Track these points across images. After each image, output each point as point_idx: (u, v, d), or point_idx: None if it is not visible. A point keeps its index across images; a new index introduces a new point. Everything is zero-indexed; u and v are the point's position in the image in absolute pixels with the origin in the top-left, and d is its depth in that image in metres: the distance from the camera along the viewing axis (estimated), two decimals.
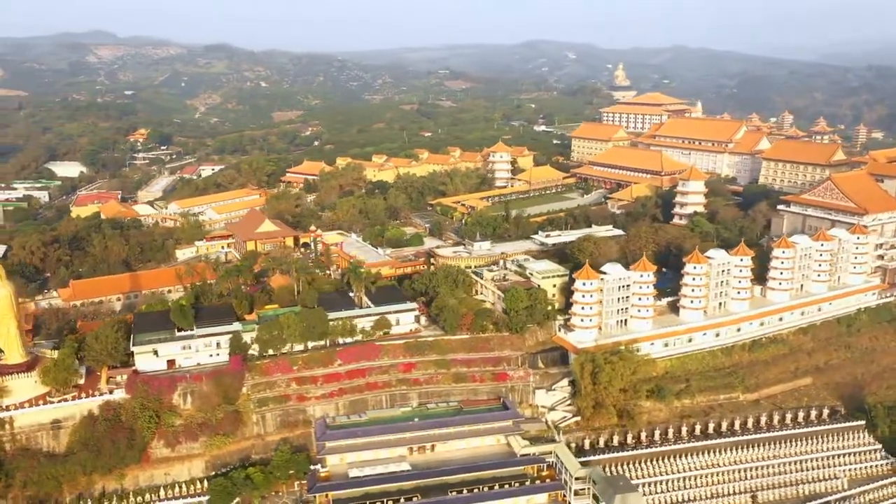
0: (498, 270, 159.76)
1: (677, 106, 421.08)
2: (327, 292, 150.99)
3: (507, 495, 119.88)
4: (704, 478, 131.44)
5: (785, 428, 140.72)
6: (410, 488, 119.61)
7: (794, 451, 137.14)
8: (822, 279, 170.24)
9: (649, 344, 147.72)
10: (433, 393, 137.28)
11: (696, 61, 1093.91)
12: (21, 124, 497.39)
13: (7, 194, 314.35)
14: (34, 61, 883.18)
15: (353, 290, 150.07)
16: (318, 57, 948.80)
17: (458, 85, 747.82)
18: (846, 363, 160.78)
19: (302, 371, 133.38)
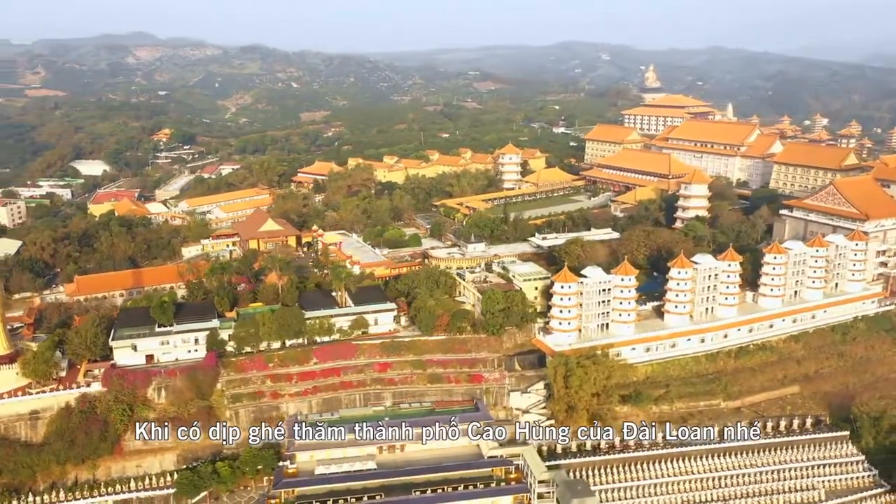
0: (479, 272, 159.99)
1: (700, 108, 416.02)
2: (311, 291, 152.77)
3: (471, 496, 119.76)
4: (677, 485, 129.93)
5: (765, 437, 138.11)
6: (375, 487, 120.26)
7: (772, 460, 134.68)
8: (816, 286, 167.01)
9: (630, 349, 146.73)
10: (407, 393, 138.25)
11: (733, 63, 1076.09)
12: (55, 123, 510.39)
13: (31, 191, 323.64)
14: (75, 62, 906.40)
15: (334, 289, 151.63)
16: (350, 58, 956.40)
17: (486, 86, 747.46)
18: (837, 372, 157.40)
19: (277, 368, 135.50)
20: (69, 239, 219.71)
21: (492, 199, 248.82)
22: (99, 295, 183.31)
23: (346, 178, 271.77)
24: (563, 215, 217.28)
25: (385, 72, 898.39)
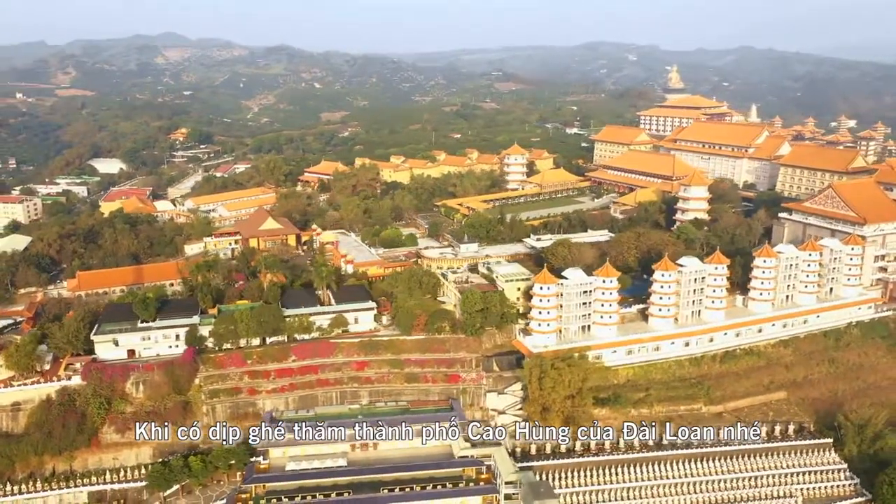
0: (462, 273, 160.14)
1: (716, 109, 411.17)
2: (295, 289, 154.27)
3: (439, 496, 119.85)
4: (650, 489, 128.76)
5: (745, 442, 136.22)
6: (345, 484, 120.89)
7: (750, 465, 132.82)
8: (809, 290, 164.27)
9: (611, 351, 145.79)
10: (384, 392, 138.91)
11: (762, 63, 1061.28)
12: (81, 122, 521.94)
13: (49, 189, 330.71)
14: (105, 62, 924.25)
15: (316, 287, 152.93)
16: (374, 58, 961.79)
17: (507, 87, 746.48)
18: (827, 378, 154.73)
19: (255, 365, 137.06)
20: (75, 235, 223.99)
21: (493, 199, 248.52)
22: (100, 290, 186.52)
23: (351, 178, 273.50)
24: (560, 216, 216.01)
25: (408, 72, 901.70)
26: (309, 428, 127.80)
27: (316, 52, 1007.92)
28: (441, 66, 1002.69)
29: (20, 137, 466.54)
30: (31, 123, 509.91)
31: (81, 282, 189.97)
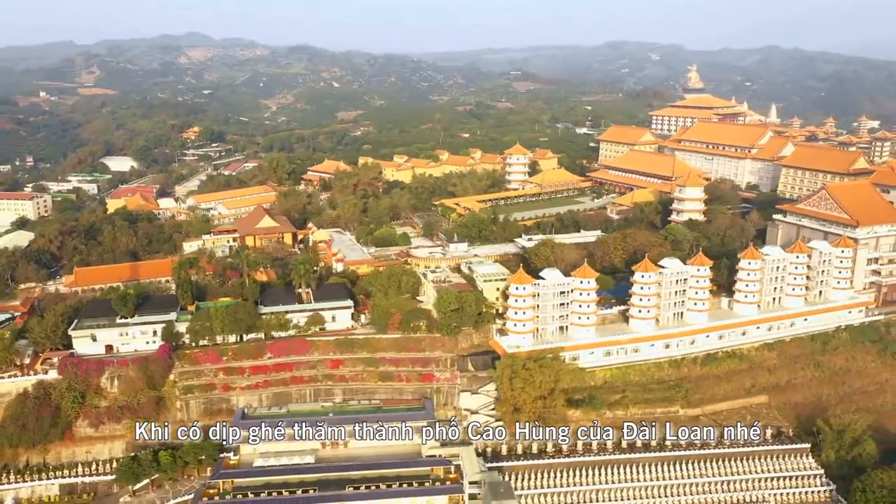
0: (441, 272, 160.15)
1: (729, 109, 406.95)
2: (276, 287, 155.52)
3: (405, 494, 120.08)
4: (620, 492, 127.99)
5: (722, 446, 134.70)
6: (312, 481, 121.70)
7: (723, 470, 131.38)
8: (796, 293, 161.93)
9: (588, 352, 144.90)
10: (358, 390, 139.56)
11: (787, 63, 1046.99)
12: (100, 121, 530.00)
13: (60, 186, 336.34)
14: (129, 62, 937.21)
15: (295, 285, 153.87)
16: (394, 58, 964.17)
17: (525, 86, 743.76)
18: (812, 383, 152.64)
19: (231, 362, 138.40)
20: (76, 232, 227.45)
21: (489, 199, 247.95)
22: (96, 286, 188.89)
23: (352, 177, 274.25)
24: (553, 217, 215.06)
25: (427, 71, 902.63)
26: (279, 425, 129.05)
27: (338, 52, 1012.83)
28: (461, 65, 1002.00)
29: (39, 136, 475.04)
30: (52, 122, 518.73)
31: (78, 278, 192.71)
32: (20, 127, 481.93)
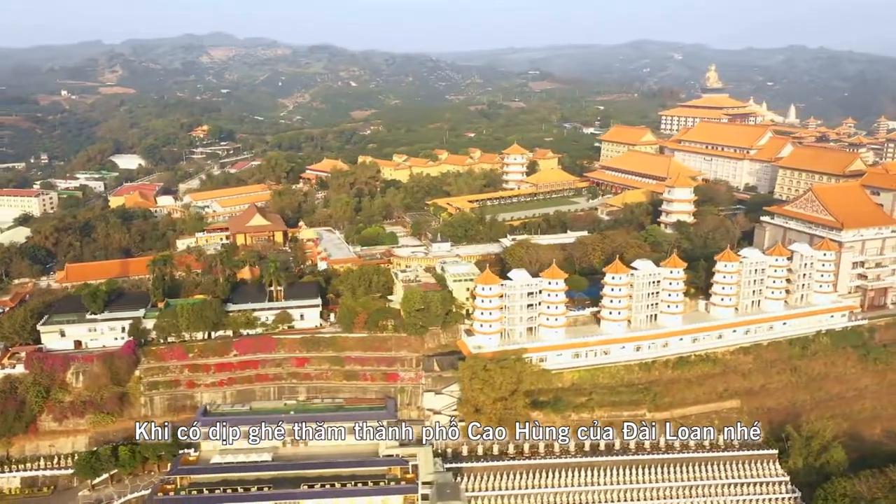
0: (411, 271, 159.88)
1: (741, 110, 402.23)
2: (248, 284, 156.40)
3: (359, 494, 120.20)
4: (579, 496, 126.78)
5: (686, 451, 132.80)
6: (268, 479, 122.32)
7: (688, 475, 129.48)
8: (776, 296, 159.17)
9: (555, 354, 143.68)
10: (322, 388, 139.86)
11: (812, 62, 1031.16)
12: (116, 120, 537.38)
13: (67, 183, 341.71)
14: (151, 61, 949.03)
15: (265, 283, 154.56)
16: (412, 57, 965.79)
17: (542, 86, 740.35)
18: (787, 388, 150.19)
19: (196, 359, 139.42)
20: (72, 229, 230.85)
21: (482, 199, 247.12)
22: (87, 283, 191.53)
23: (349, 176, 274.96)
24: (540, 217, 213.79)
25: (445, 71, 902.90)
26: (239, 423, 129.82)
27: (357, 52, 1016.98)
28: (480, 64, 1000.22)
29: (55, 133, 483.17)
30: (69, 120, 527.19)
31: (69, 274, 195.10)
32: (37, 125, 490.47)
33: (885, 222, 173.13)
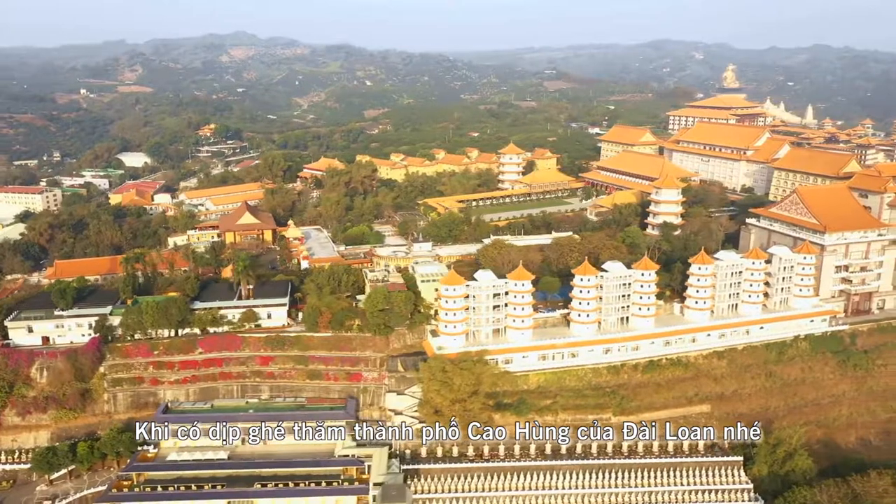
0: (380, 271, 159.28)
1: (750, 110, 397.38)
2: (219, 282, 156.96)
3: (311, 494, 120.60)
4: (535, 499, 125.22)
5: (650, 456, 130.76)
6: (222, 477, 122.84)
7: (649, 481, 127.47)
8: (752, 300, 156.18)
9: (521, 356, 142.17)
10: (285, 388, 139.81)
11: (836, 62, 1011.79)
12: (131, 118, 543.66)
13: (73, 181, 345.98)
14: (172, 60, 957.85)
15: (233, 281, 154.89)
16: (429, 57, 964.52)
17: (557, 86, 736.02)
18: (760, 393, 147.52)
19: (161, 356, 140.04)
20: (65, 226, 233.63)
21: (474, 199, 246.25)
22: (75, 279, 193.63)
23: (344, 175, 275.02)
24: (525, 218, 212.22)
25: (462, 70, 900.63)
26: (199, 420, 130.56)
27: (375, 51, 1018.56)
28: (497, 64, 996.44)
29: (68, 132, 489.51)
30: (84, 118, 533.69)
31: (58, 270, 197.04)
32: (51, 123, 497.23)
33: (871, 225, 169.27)
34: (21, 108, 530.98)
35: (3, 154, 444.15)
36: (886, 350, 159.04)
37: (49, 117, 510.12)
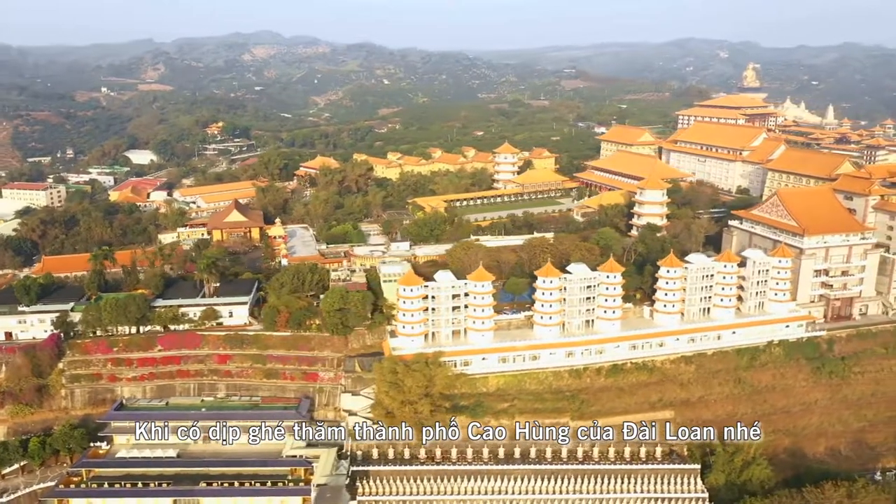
0: (342, 271, 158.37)
1: (761, 109, 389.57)
2: (184, 280, 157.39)
3: (254, 494, 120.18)
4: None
5: (605, 462, 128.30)
6: (169, 475, 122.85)
7: (602, 488, 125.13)
8: (724, 304, 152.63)
9: (480, 358, 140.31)
10: (241, 386, 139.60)
11: (865, 61, 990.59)
12: (147, 116, 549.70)
13: (78, 178, 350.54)
14: (194, 59, 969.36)
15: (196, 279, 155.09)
16: (449, 55, 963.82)
17: (574, 85, 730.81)
18: (728, 399, 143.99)
19: (121, 353, 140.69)
20: (57, 222, 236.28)
21: (463, 199, 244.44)
22: (62, 275, 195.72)
23: (338, 174, 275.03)
24: (507, 219, 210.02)
25: (481, 69, 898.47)
26: (152, 418, 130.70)
27: (395, 50, 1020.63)
28: (516, 63, 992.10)
29: (83, 129, 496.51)
30: (101, 116, 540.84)
31: (46, 266, 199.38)
32: (67, 121, 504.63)
33: (854, 228, 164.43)
34: (40, 106, 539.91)
35: (19, 151, 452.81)
36: (865, 357, 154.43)
37: (66, 115, 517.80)
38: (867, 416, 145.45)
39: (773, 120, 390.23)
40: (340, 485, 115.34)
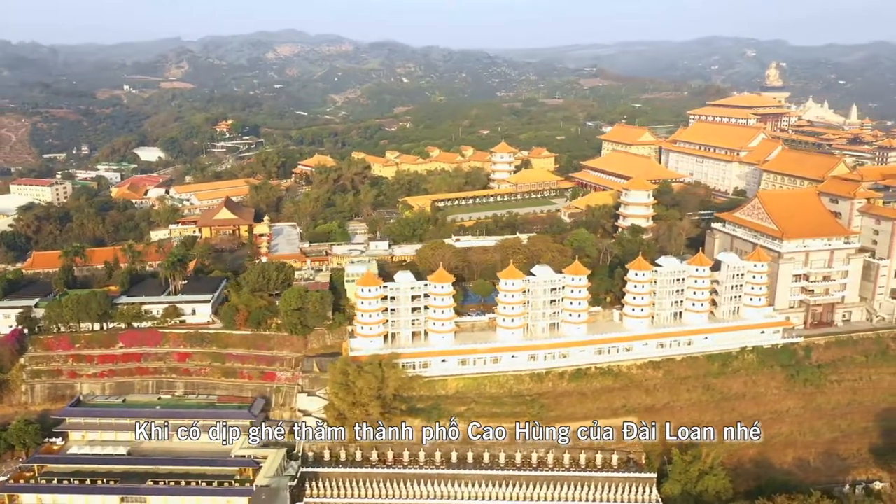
0: (305, 270, 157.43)
1: (774, 109, 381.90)
2: (151, 277, 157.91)
3: (198, 493, 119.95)
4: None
5: (559, 468, 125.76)
6: (118, 472, 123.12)
7: (553, 494, 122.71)
8: (696, 308, 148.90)
9: (440, 360, 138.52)
10: (199, 385, 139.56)
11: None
12: (164, 114, 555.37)
13: (86, 174, 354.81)
14: (218, 58, 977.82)
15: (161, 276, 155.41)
16: (470, 54, 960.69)
17: (592, 83, 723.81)
18: (694, 406, 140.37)
19: (82, 350, 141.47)
20: (52, 218, 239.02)
21: (452, 198, 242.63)
22: (51, 270, 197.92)
23: (334, 172, 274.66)
24: (490, 219, 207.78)
25: (501, 68, 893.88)
26: (107, 415, 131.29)
27: (417, 48, 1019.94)
28: (537, 61, 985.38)
29: (100, 126, 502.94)
30: (118, 114, 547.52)
31: (35, 261, 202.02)
32: (84, 118, 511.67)
33: (836, 232, 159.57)
34: (60, 104, 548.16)
35: (36, 147, 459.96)
36: (843, 365, 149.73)
37: (84, 112, 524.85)
38: (840, 427, 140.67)
39: (786, 120, 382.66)
40: (282, 486, 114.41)
